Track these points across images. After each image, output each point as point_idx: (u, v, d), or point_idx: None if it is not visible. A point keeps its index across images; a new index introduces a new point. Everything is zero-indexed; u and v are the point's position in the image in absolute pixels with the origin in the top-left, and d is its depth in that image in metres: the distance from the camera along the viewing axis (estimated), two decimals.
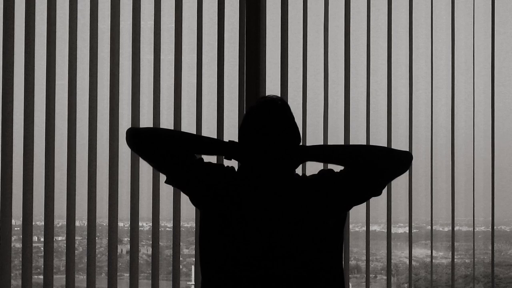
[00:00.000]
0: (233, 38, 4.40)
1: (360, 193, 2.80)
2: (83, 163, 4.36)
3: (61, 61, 4.40)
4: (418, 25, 4.41)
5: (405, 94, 4.40)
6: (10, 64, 4.40)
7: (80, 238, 4.42)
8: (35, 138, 4.38)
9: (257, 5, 4.37)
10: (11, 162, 4.37)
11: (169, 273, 4.37)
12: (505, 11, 4.43)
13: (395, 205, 4.36)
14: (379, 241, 4.40)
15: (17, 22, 4.41)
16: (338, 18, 4.41)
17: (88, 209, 4.35)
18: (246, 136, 2.79)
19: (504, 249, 4.61)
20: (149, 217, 4.36)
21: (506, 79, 4.43)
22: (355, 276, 4.47)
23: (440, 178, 4.37)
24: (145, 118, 4.38)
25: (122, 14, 4.40)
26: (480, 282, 4.43)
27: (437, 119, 4.39)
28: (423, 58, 4.41)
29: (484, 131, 4.38)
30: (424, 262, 4.45)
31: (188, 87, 4.40)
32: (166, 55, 4.40)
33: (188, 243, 4.46)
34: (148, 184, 4.34)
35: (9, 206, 4.36)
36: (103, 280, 4.38)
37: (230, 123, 4.36)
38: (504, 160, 4.37)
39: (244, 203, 2.72)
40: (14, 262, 4.41)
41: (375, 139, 4.36)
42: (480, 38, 4.41)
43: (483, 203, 4.37)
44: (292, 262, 2.68)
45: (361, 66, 4.40)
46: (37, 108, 4.39)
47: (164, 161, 2.79)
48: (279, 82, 4.38)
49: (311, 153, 2.82)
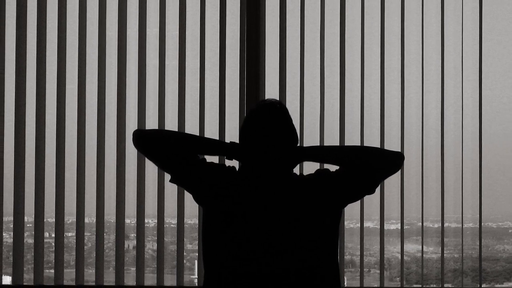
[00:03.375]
0: (234, 45, 4.39)
1: (354, 192, 2.79)
2: (91, 163, 4.35)
3: (71, 67, 4.40)
4: (409, 32, 4.40)
5: (397, 97, 4.39)
6: (22, 69, 4.40)
7: (89, 234, 4.41)
8: (46, 139, 4.38)
9: (257, 14, 4.36)
10: (23, 162, 4.37)
11: (174, 268, 4.36)
12: (492, 19, 4.42)
13: (387, 203, 4.35)
14: (372, 237, 4.39)
15: (29, 29, 4.40)
16: (334, 26, 4.40)
17: (96, 206, 4.34)
18: (247, 138, 2.78)
19: (491, 245, 4.60)
20: (155, 214, 4.35)
21: (493, 83, 4.42)
22: (350, 270, 4.46)
23: (430, 177, 4.36)
24: (151, 120, 4.37)
25: (129, 22, 4.40)
26: (469, 276, 4.42)
27: (427, 121, 4.38)
28: (414, 63, 4.40)
29: (472, 132, 4.37)
30: (415, 257, 4.44)
31: (192, 91, 4.40)
32: (170, 60, 4.40)
33: (191, 239, 4.45)
34: (154, 183, 4.34)
35: (22, 204, 4.36)
36: (111, 274, 4.37)
37: (231, 125, 4.35)
38: (491, 160, 4.37)
39: (244, 201, 2.71)
40: (26, 257, 4.40)
41: (368, 140, 4.35)
42: (468, 45, 4.40)
43: (471, 201, 4.36)
44: (290, 258, 2.67)
45: (356, 71, 4.39)
46: (48, 111, 4.39)
47: (169, 161, 2.78)
48: (278, 86, 4.37)
49: (308, 154, 2.81)
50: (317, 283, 2.69)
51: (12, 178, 4.35)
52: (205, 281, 2.78)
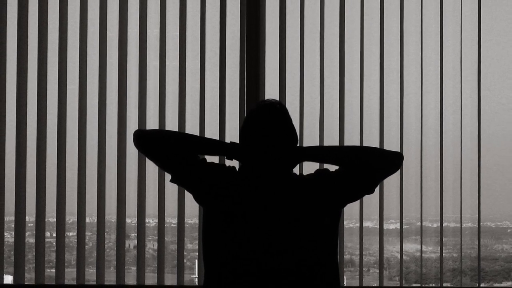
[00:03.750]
0: (234, 46, 4.39)
1: (354, 191, 2.79)
2: (92, 163, 4.35)
3: (72, 67, 4.39)
4: (408, 33, 4.40)
5: (396, 98, 4.38)
6: (24, 69, 4.39)
7: (90, 233, 4.41)
8: (47, 139, 4.37)
9: (257, 15, 4.36)
10: (25, 162, 4.36)
11: (174, 267, 4.36)
12: (491, 20, 4.41)
13: (387, 203, 4.34)
14: (371, 236, 4.38)
15: (30, 30, 4.40)
16: (333, 27, 4.39)
17: (97, 206, 4.34)
18: (247, 138, 2.78)
19: (490, 244, 4.60)
20: (155, 214, 4.34)
21: (492, 84, 4.42)
22: (349, 269, 4.45)
23: (429, 177, 4.35)
24: (151, 121, 4.37)
25: (130, 23, 4.39)
26: (467, 275, 4.41)
27: (426, 121, 4.38)
28: (413, 64, 4.39)
29: (471, 132, 4.37)
30: (414, 256, 4.43)
31: (192, 91, 4.39)
32: (171, 61, 4.39)
33: (192, 239, 4.45)
34: (154, 183, 4.33)
35: (23, 203, 4.35)
36: (111, 273, 4.37)
37: (232, 125, 4.35)
38: (490, 160, 4.36)
39: (244, 201, 2.71)
40: (28, 256, 4.39)
41: (368, 141, 4.35)
42: (467, 45, 4.39)
43: (470, 200, 4.35)
44: (290, 257, 2.66)
45: (355, 71, 4.38)
46: (49, 111, 4.38)
47: (169, 161, 2.78)
48: (278, 87, 4.37)
49: (308, 154, 2.80)
50: (317, 282, 2.68)
51: (13, 178, 4.35)
52: (205, 280, 2.78)
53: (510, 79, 4.46)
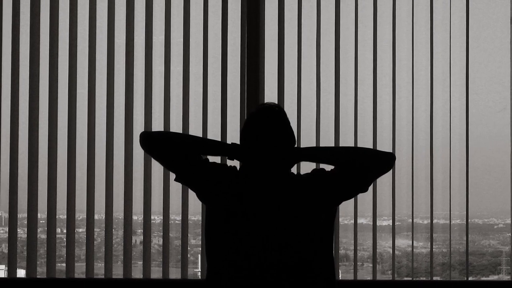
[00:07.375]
0: (235, 52, 4.39)
1: (349, 190, 2.79)
2: (101, 163, 4.35)
3: (82, 72, 4.40)
4: (400, 40, 4.41)
5: (389, 101, 4.39)
6: (36, 74, 4.40)
7: (99, 230, 4.41)
8: (58, 140, 4.37)
9: (257, 22, 4.36)
10: (37, 162, 4.37)
11: (178, 261, 4.36)
12: (479, 28, 4.42)
13: (380, 201, 4.35)
14: (365, 232, 4.38)
15: (42, 37, 4.40)
16: (329, 34, 4.40)
17: (105, 204, 4.34)
18: (247, 139, 2.79)
19: (477, 240, 4.60)
20: (160, 211, 4.35)
21: (479, 88, 4.42)
22: (344, 264, 4.46)
23: (420, 177, 4.36)
24: (157, 123, 4.37)
25: (136, 30, 4.40)
26: (456, 269, 4.42)
27: (417, 123, 4.38)
28: (405, 69, 4.40)
29: (460, 134, 4.37)
30: (406, 251, 4.44)
31: (195, 95, 4.40)
32: (175, 66, 4.40)
33: (195, 235, 4.45)
34: (160, 182, 4.34)
35: (35, 201, 4.36)
36: (119, 267, 4.37)
37: (233, 127, 4.35)
38: (478, 160, 4.37)
39: (245, 199, 2.72)
40: (39, 251, 4.40)
41: (362, 141, 4.35)
42: (456, 52, 4.40)
43: (458, 198, 4.36)
44: (288, 252, 2.67)
45: (350, 76, 4.39)
46: (60, 114, 4.39)
47: (174, 161, 2.78)
48: (277, 91, 4.37)
49: (305, 154, 2.81)
50: (313, 276, 2.69)
51: (26, 177, 4.35)
52: (208, 274, 2.78)
53: (496, 84, 4.46)
